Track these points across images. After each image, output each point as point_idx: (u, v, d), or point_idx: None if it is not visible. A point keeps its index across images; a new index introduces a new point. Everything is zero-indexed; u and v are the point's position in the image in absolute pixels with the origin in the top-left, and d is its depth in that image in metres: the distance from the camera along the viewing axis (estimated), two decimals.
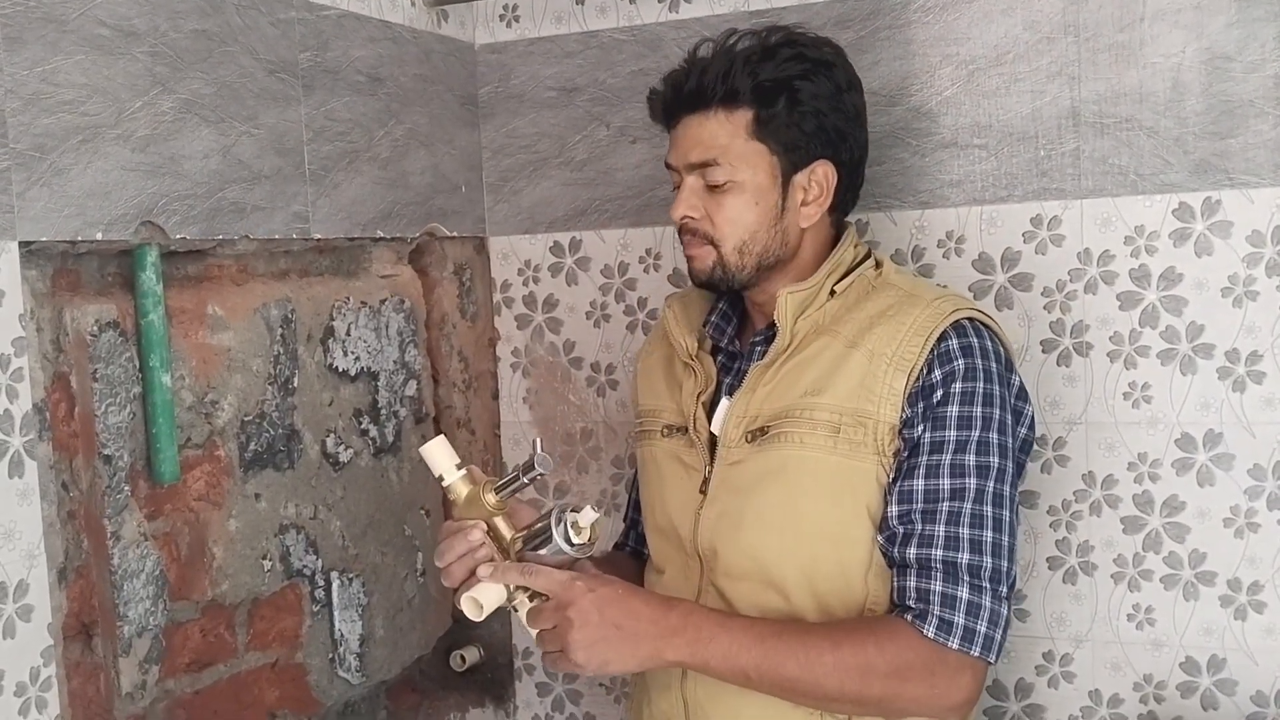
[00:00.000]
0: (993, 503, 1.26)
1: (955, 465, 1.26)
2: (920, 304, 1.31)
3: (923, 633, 1.23)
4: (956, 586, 1.23)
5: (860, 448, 1.28)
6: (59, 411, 1.23)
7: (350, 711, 1.63)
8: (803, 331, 1.34)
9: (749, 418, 1.34)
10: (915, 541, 1.26)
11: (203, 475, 1.38)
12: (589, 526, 1.22)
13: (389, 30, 1.66)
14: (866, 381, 1.28)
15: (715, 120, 1.32)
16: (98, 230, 1.23)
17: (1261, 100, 1.45)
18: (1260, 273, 1.47)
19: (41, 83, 1.17)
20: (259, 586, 1.46)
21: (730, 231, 1.33)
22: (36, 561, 1.18)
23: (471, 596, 1.22)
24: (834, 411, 1.29)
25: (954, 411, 1.26)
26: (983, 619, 1.23)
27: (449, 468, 1.27)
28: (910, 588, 1.25)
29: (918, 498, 1.26)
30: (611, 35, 1.77)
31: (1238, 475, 1.50)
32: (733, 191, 1.32)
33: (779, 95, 1.31)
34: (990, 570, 1.24)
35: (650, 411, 1.47)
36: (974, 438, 1.26)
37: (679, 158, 1.35)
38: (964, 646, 1.22)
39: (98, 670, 1.27)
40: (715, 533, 1.34)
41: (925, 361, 1.27)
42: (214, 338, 1.39)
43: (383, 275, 1.69)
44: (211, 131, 1.36)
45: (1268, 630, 1.50)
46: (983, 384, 1.28)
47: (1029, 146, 1.56)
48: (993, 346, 1.31)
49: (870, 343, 1.30)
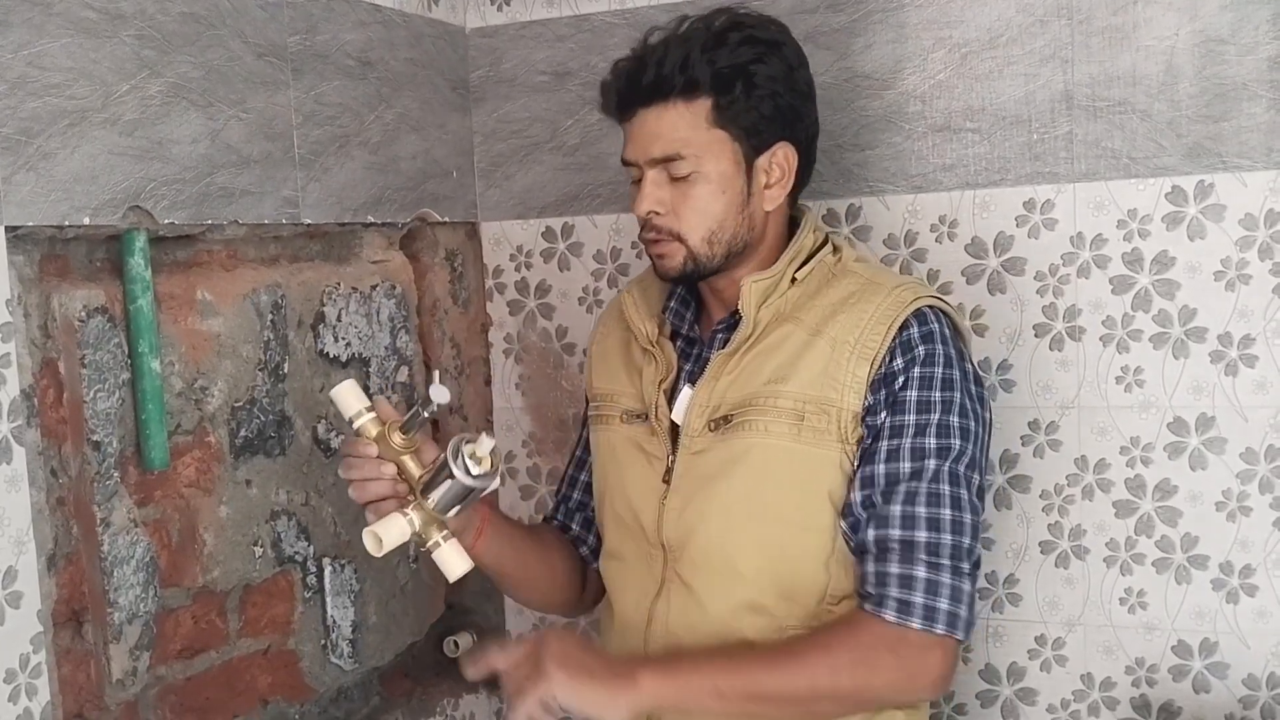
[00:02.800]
0: (950, 481, 1.26)
1: (915, 448, 1.26)
2: (881, 292, 1.32)
3: (882, 618, 1.23)
4: (913, 566, 1.23)
5: (824, 435, 1.28)
6: (47, 398, 1.22)
7: (343, 698, 1.63)
8: (765, 319, 1.33)
9: (712, 406, 1.33)
10: (873, 523, 1.26)
11: (193, 461, 1.37)
12: (487, 455, 1.20)
13: (379, 14, 1.65)
14: (830, 370, 1.29)
15: (674, 111, 1.30)
16: (85, 215, 1.22)
17: (1255, 83, 1.45)
18: (1253, 256, 1.47)
19: (27, 66, 1.16)
20: (250, 573, 1.45)
21: (698, 223, 1.31)
22: (25, 548, 1.18)
23: (373, 531, 1.20)
24: (798, 400, 1.29)
25: (913, 396, 1.27)
26: (943, 595, 1.23)
27: (359, 409, 1.25)
28: (870, 572, 1.26)
29: (879, 481, 1.27)
30: (603, 19, 1.77)
31: (1230, 459, 1.50)
32: (698, 183, 1.31)
33: (736, 81, 1.29)
34: (950, 547, 1.24)
35: (607, 395, 1.45)
36: (933, 420, 1.27)
37: (639, 153, 1.33)
38: (926, 625, 1.22)
39: (88, 657, 1.27)
40: (679, 523, 1.33)
41: (888, 350, 1.28)
42: (203, 323, 1.39)
43: (374, 261, 1.68)
44: (200, 115, 1.35)
45: (1259, 613, 1.50)
46: (941, 369, 1.28)
47: (1022, 130, 1.55)
48: (950, 333, 1.32)
49: (833, 331, 1.30)
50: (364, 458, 1.25)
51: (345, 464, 1.26)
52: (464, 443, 1.20)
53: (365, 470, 1.25)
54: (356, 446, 1.25)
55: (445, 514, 1.22)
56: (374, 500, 1.25)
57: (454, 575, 1.23)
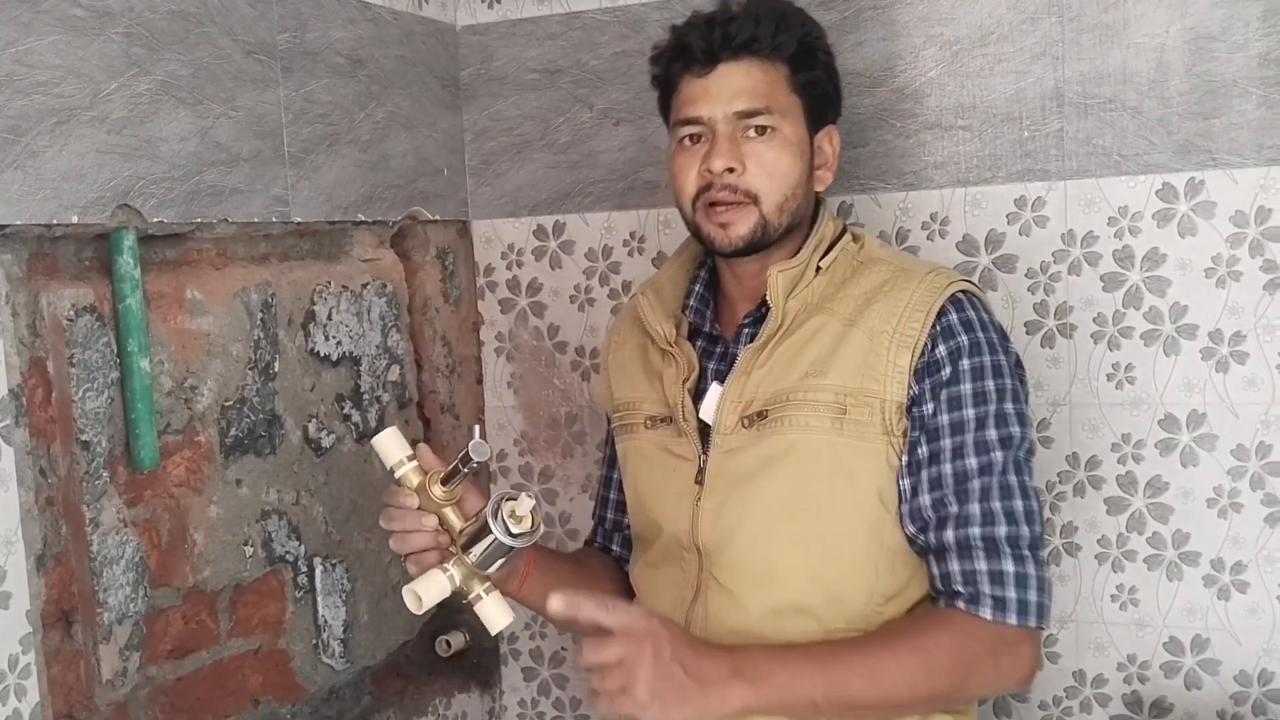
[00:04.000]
0: (1016, 470, 1.25)
1: (979, 442, 1.24)
2: (914, 279, 1.29)
3: (979, 616, 1.21)
4: (1001, 561, 1.21)
5: (867, 428, 1.25)
6: (36, 397, 1.22)
7: (334, 697, 1.63)
8: (793, 311, 1.30)
9: (745, 402, 1.30)
10: (952, 523, 1.23)
11: (183, 461, 1.37)
12: (528, 514, 1.17)
13: (369, 11, 1.64)
14: (870, 360, 1.26)
15: (761, 68, 1.28)
16: (73, 213, 1.21)
17: (1245, 80, 1.45)
18: (1243, 253, 1.47)
19: (15, 64, 1.15)
20: (241, 573, 1.45)
21: (776, 186, 1.28)
22: (14, 548, 1.17)
23: (413, 590, 1.17)
24: (839, 392, 1.26)
25: (967, 389, 1.25)
26: (1031, 588, 1.21)
27: (400, 459, 1.22)
28: (955, 572, 1.23)
29: (948, 482, 1.24)
30: (594, 17, 1.76)
31: (1221, 456, 1.50)
32: (779, 144, 1.28)
33: (809, 53, 1.30)
34: (1029, 538, 1.23)
35: (629, 404, 1.42)
36: (991, 411, 1.25)
37: (719, 105, 1.28)
38: (1022, 620, 1.20)
39: (78, 657, 1.26)
40: (716, 525, 1.29)
41: (929, 337, 1.26)
42: (193, 322, 1.38)
43: (364, 259, 1.68)
44: (189, 113, 1.35)
45: (1251, 610, 1.51)
46: (989, 356, 1.26)
47: (1013, 127, 1.55)
48: (988, 318, 1.30)
49: (869, 320, 1.27)
50: (405, 509, 1.22)
51: (386, 514, 1.24)
52: (504, 500, 1.17)
53: (406, 522, 1.22)
54: (397, 497, 1.23)
55: (485, 569, 1.19)
56: (415, 552, 1.23)
57: (495, 628, 1.20)
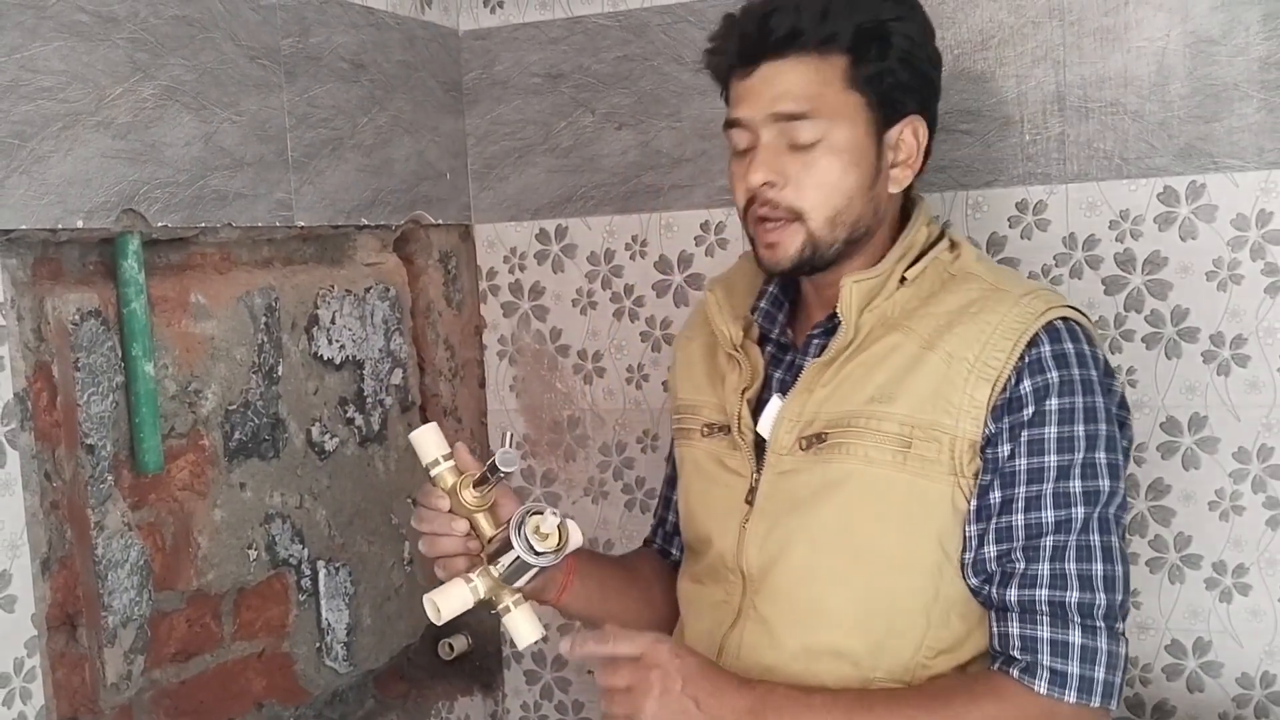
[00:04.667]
0: (1100, 530, 1.12)
1: (1059, 494, 1.11)
2: (1007, 300, 1.16)
3: (1033, 689, 1.09)
4: (1067, 630, 1.10)
5: (933, 466, 1.13)
6: (41, 401, 1.22)
7: (338, 701, 1.63)
8: (868, 325, 1.18)
9: (804, 422, 1.19)
10: (1017, 582, 1.11)
11: (187, 465, 1.37)
12: (554, 531, 1.12)
13: (372, 16, 1.65)
14: (943, 390, 1.13)
15: (807, 65, 1.15)
16: (78, 218, 1.22)
17: (1246, 84, 1.45)
18: (1245, 256, 1.47)
19: (20, 69, 1.16)
20: (245, 576, 1.45)
21: (824, 199, 1.16)
22: (19, 552, 1.18)
23: (433, 600, 1.14)
24: (905, 423, 1.14)
25: (1052, 433, 1.12)
26: (1100, 664, 1.09)
27: (436, 457, 1.20)
28: (1014, 635, 1.11)
29: (1018, 534, 1.12)
30: (596, 21, 1.77)
31: (1222, 458, 1.50)
32: (826, 151, 1.15)
33: (875, 39, 1.16)
34: (1104, 607, 1.11)
35: (689, 407, 1.33)
36: (1078, 461, 1.12)
37: (759, 108, 1.16)
38: (1081, 699, 1.09)
39: (82, 661, 1.26)
40: (762, 550, 1.20)
41: (1014, 370, 1.12)
42: (197, 326, 1.38)
43: (367, 263, 1.68)
44: (193, 118, 1.35)
45: (1253, 612, 1.51)
46: (1082, 397, 1.12)
47: (1014, 131, 1.56)
48: (1091, 352, 1.15)
49: (949, 344, 1.14)
50: (436, 511, 1.18)
51: (417, 515, 1.21)
52: (529, 515, 1.13)
53: (436, 525, 1.18)
54: (430, 498, 1.19)
55: (512, 584, 1.15)
56: (443, 556, 1.19)
57: (523, 644, 1.17)
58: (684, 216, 1.75)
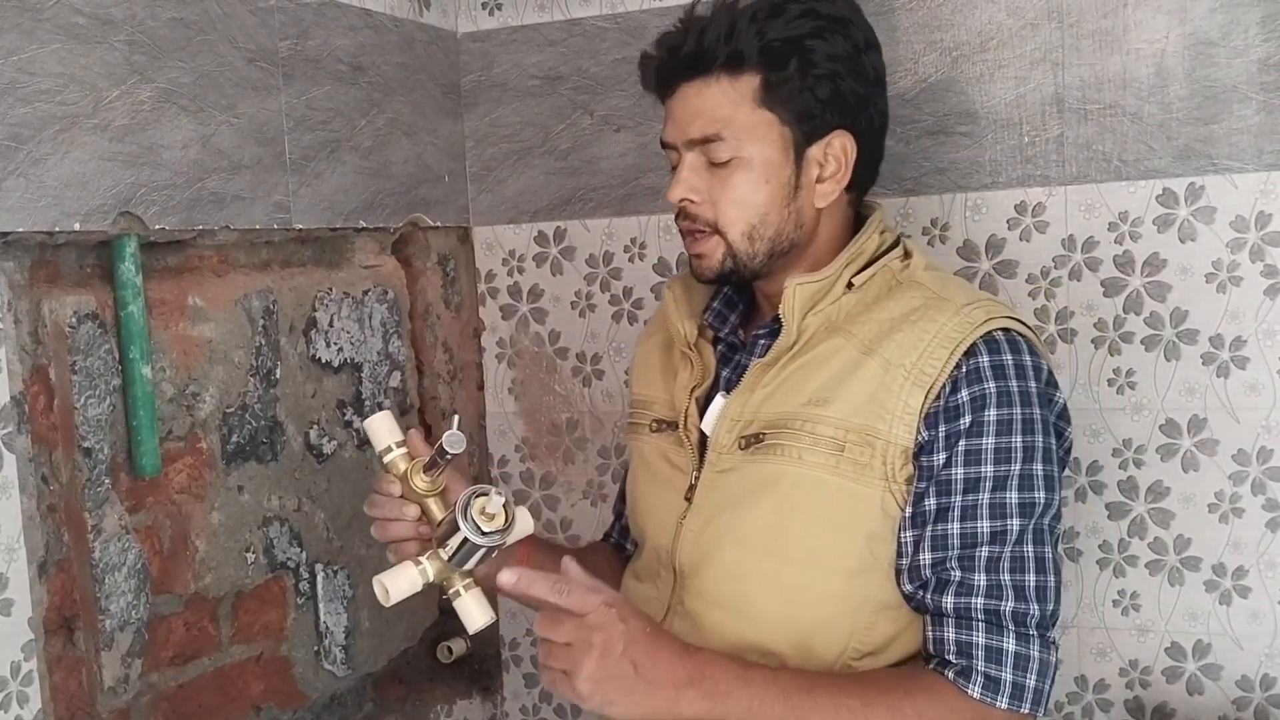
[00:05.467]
0: (1035, 541, 1.14)
1: (995, 505, 1.13)
2: (948, 309, 1.17)
3: (966, 692, 1.11)
4: (1001, 638, 1.11)
5: (866, 470, 1.14)
6: (38, 404, 1.22)
7: (336, 704, 1.63)
8: (812, 328, 1.20)
9: (743, 421, 1.21)
10: (953, 590, 1.13)
11: (184, 468, 1.37)
12: (500, 510, 1.12)
13: (370, 19, 1.64)
14: (879, 395, 1.15)
15: (718, 88, 1.18)
16: (75, 221, 1.22)
17: (1245, 85, 1.45)
18: (1244, 258, 1.47)
19: (17, 72, 1.16)
20: (243, 579, 1.45)
21: (738, 215, 1.19)
22: (16, 555, 1.17)
23: (381, 582, 1.13)
24: (839, 427, 1.15)
25: (990, 444, 1.13)
26: (1031, 671, 1.11)
27: (389, 444, 1.20)
28: (949, 639, 1.13)
29: (954, 543, 1.13)
30: (594, 23, 1.77)
31: (1222, 460, 1.50)
32: (739, 169, 1.18)
33: (789, 57, 1.17)
34: (1038, 617, 1.13)
35: (643, 402, 1.36)
36: (1014, 472, 1.13)
37: (676, 133, 1.21)
38: (1013, 705, 1.10)
39: (80, 664, 1.26)
40: (695, 548, 1.22)
41: (949, 378, 1.13)
42: (195, 329, 1.38)
43: (366, 266, 1.68)
44: (191, 121, 1.35)
45: (1252, 615, 1.51)
46: (1020, 409, 1.14)
47: (1013, 133, 1.55)
48: (1032, 362, 1.16)
49: (888, 350, 1.16)
50: (387, 496, 1.19)
51: (369, 500, 1.21)
52: (475, 496, 1.12)
53: (388, 510, 1.19)
54: (382, 484, 1.20)
55: (461, 566, 1.15)
56: (394, 541, 1.20)
57: (473, 627, 1.16)
58: None
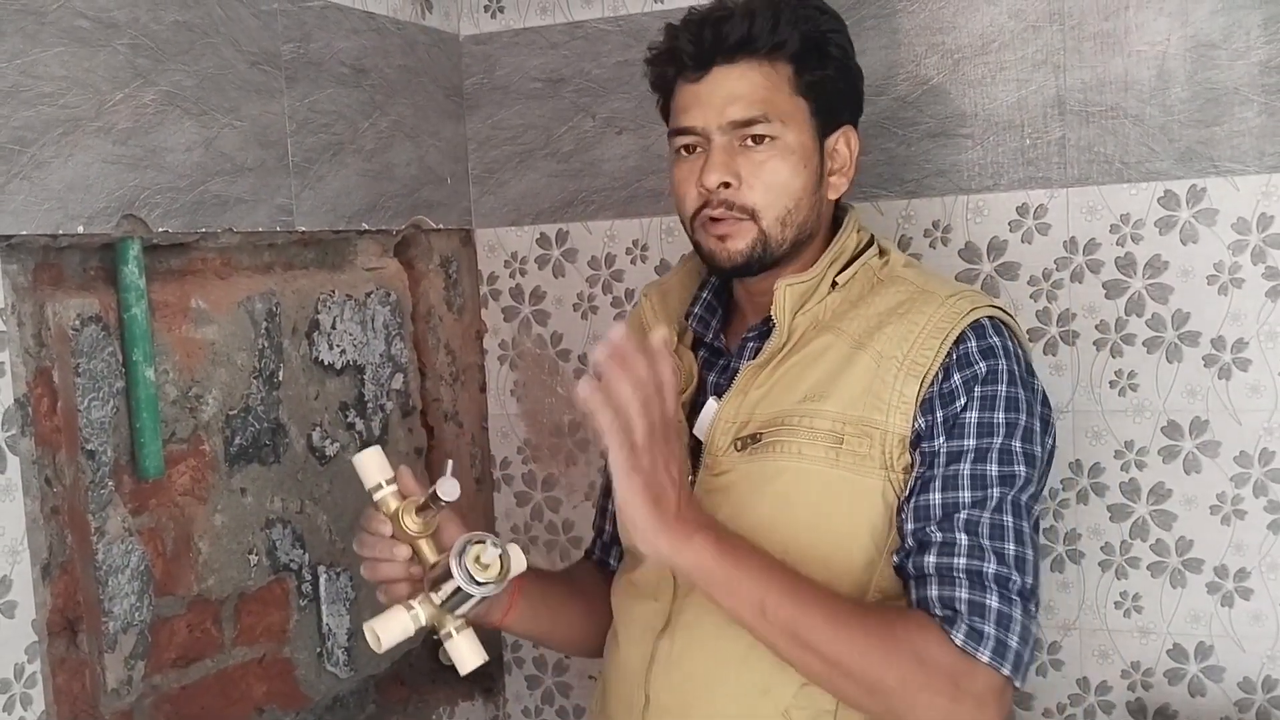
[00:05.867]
0: (1013, 512, 1.13)
1: (976, 476, 1.14)
2: (934, 301, 1.19)
3: (950, 637, 1.08)
4: (985, 595, 1.10)
5: (865, 461, 1.16)
6: (41, 406, 1.22)
7: (338, 706, 1.63)
8: (801, 328, 1.22)
9: (739, 423, 1.21)
10: (934, 550, 1.12)
11: (187, 470, 1.37)
12: (494, 561, 1.10)
13: (372, 22, 1.65)
14: (874, 387, 1.16)
15: (757, 70, 1.18)
16: (79, 224, 1.22)
17: (1247, 88, 1.45)
18: (1246, 260, 1.47)
19: (21, 75, 1.16)
20: (245, 581, 1.45)
21: (775, 199, 1.19)
22: (20, 557, 1.18)
23: (372, 629, 1.11)
24: (837, 420, 1.16)
25: (973, 418, 1.15)
26: (1014, 633, 1.09)
27: (379, 481, 1.17)
28: (933, 596, 1.11)
29: (935, 511, 1.13)
30: (597, 26, 1.77)
31: (1224, 462, 1.50)
32: (778, 153, 1.19)
33: (817, 49, 1.21)
34: (1019, 585, 1.12)
35: None
36: (996, 445, 1.14)
37: (711, 115, 1.19)
38: (995, 660, 1.08)
39: (83, 666, 1.26)
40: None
41: (941, 366, 1.16)
42: (198, 331, 1.38)
43: (368, 268, 1.68)
44: (194, 124, 1.35)
45: (1254, 617, 1.51)
46: (1005, 387, 1.16)
47: (1015, 135, 1.56)
48: (1014, 347, 1.20)
49: (879, 344, 1.18)
50: (378, 536, 1.16)
51: (358, 540, 1.19)
52: (470, 544, 1.10)
53: (378, 550, 1.16)
54: (371, 523, 1.17)
55: (453, 612, 1.13)
56: (384, 581, 1.18)
57: (465, 669, 1.14)
58: None
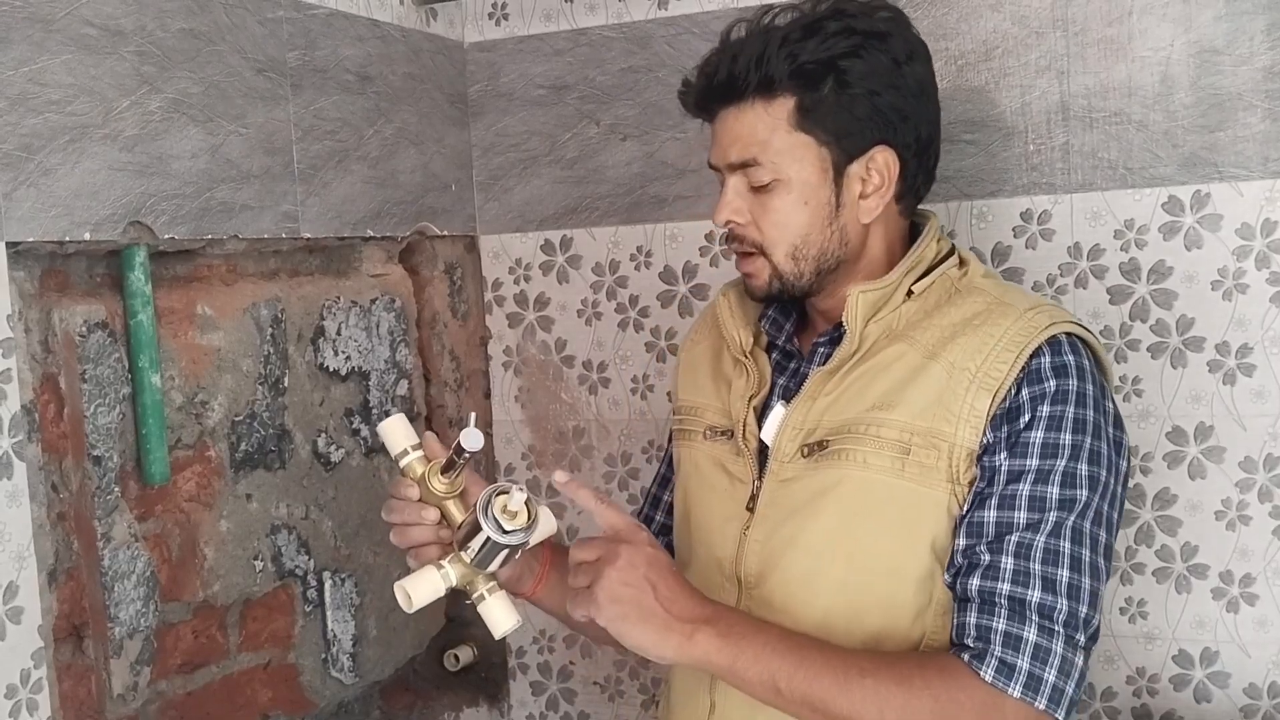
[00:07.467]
0: (1072, 538, 1.11)
1: (1034, 497, 1.11)
2: (1012, 314, 1.17)
3: (979, 674, 1.08)
4: (1023, 626, 1.08)
5: (931, 473, 1.14)
6: (48, 412, 1.22)
7: (344, 712, 1.63)
8: (873, 336, 1.20)
9: (806, 430, 1.20)
10: (979, 573, 1.11)
11: (193, 476, 1.38)
12: (521, 508, 1.10)
13: (377, 29, 1.65)
14: (945, 399, 1.14)
15: (752, 113, 1.19)
16: (85, 230, 1.22)
17: (1250, 93, 1.45)
18: (1250, 265, 1.47)
19: (28, 82, 1.17)
20: (251, 587, 1.45)
21: (780, 236, 1.20)
22: (26, 563, 1.18)
23: (404, 587, 1.12)
24: (904, 430, 1.15)
25: (1038, 438, 1.12)
26: (1052, 667, 1.07)
27: (405, 447, 1.19)
28: (970, 623, 1.11)
29: (988, 530, 1.12)
30: (601, 33, 1.77)
31: (1229, 468, 1.50)
32: (778, 192, 1.19)
33: (824, 77, 1.17)
34: (1065, 613, 1.09)
35: (691, 408, 1.34)
36: (1059, 467, 1.12)
37: (719, 156, 1.23)
38: (1026, 696, 1.06)
39: (89, 672, 1.27)
40: (762, 558, 1.20)
41: (1014, 381, 1.13)
42: (203, 338, 1.39)
43: (373, 274, 1.69)
44: (200, 131, 1.36)
45: (1260, 622, 1.50)
46: (1074, 408, 1.13)
47: (1018, 141, 1.56)
48: (1090, 367, 1.16)
49: (952, 355, 1.15)
50: (405, 500, 1.18)
51: (387, 506, 1.19)
52: (496, 494, 1.10)
53: (406, 514, 1.18)
54: (399, 488, 1.19)
55: (484, 568, 1.13)
56: (415, 546, 1.19)
57: (499, 631, 1.15)
58: (688, 227, 1.75)
